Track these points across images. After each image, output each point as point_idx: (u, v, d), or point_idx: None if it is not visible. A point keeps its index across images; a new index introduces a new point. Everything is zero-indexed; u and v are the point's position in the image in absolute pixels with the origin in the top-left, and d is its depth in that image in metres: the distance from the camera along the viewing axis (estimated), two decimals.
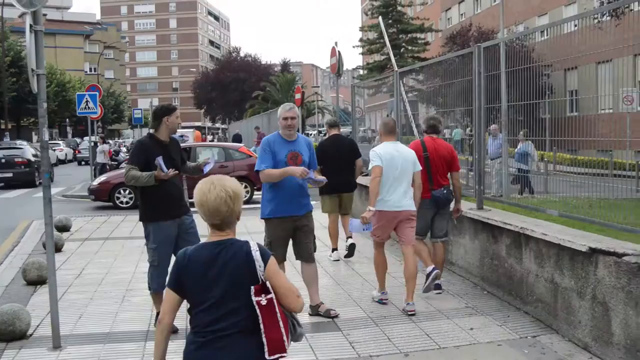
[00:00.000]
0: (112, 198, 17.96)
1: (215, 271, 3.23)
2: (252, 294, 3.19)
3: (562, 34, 7.09)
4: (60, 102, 62.53)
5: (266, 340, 3.18)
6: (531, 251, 6.60)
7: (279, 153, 6.73)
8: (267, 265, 3.26)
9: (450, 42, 44.40)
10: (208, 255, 3.26)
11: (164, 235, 6.49)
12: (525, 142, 10.19)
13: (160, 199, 6.47)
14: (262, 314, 3.18)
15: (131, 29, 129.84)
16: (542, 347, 5.81)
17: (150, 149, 6.48)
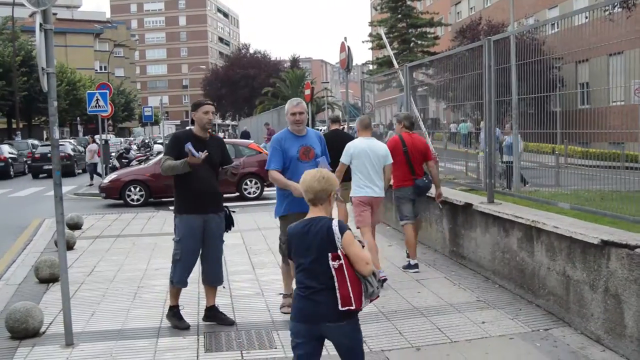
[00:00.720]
0: (122, 196, 18.09)
1: (308, 242, 4.07)
2: (330, 259, 3.98)
3: (573, 26, 7.05)
4: (71, 101, 62.77)
5: (339, 295, 3.97)
6: (543, 244, 6.57)
7: (290, 149, 6.71)
8: (343, 237, 4.02)
9: (460, 36, 44.21)
10: (301, 229, 4.12)
11: (188, 228, 6.52)
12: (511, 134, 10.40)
13: (188, 192, 6.52)
14: (336, 275, 3.97)
15: (141, 27, 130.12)
16: (554, 340, 5.79)
17: (183, 142, 6.44)
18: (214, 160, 6.57)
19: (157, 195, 18.33)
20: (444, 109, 16.35)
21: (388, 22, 57.00)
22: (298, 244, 4.14)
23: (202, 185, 6.50)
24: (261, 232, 12.34)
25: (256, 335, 6.23)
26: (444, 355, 5.57)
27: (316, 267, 4.03)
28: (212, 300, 6.78)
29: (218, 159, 6.66)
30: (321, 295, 4.01)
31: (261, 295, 7.72)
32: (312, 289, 4.05)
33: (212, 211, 6.61)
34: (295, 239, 4.16)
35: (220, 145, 6.84)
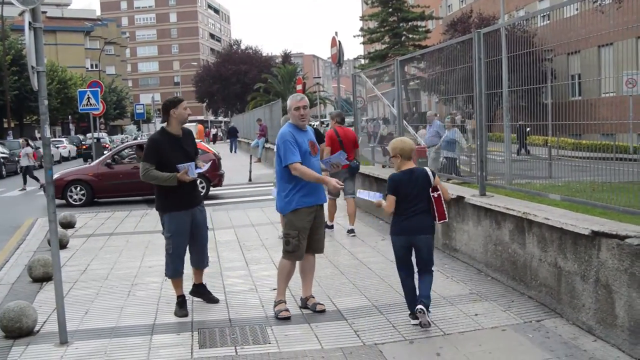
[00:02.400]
0: (64, 195, 17.96)
1: (413, 182, 6.11)
2: (430, 191, 6.14)
3: (564, 18, 7.06)
4: (62, 99, 62.63)
5: (438, 213, 6.15)
6: (534, 236, 6.60)
7: (302, 144, 6.64)
8: (435, 178, 6.19)
9: (451, 29, 44.26)
10: (408, 175, 6.14)
11: (178, 224, 6.82)
12: (452, 129, 11.43)
13: (174, 191, 6.75)
14: (435, 201, 6.13)
15: (131, 24, 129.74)
16: (547, 331, 5.83)
17: (163, 145, 6.75)
18: (192, 155, 6.95)
19: (100, 196, 18.21)
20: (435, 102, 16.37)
21: (379, 16, 57.01)
22: (405, 184, 6.11)
23: (188, 184, 6.77)
24: (254, 228, 12.35)
25: (250, 331, 6.24)
26: (437, 348, 5.59)
27: (419, 197, 6.09)
28: (200, 279, 7.27)
29: (193, 153, 7.00)
30: (421, 215, 6.09)
31: (255, 291, 7.74)
32: (414, 212, 6.08)
33: (197, 205, 6.99)
34: (402, 181, 6.13)
35: (192, 139, 7.16)
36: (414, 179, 6.11)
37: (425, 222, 6.10)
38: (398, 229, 6.17)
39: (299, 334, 6.12)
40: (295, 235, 6.63)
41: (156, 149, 6.75)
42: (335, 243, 10.28)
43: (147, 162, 6.70)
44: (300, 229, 6.64)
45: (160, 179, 6.67)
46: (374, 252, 9.52)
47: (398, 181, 6.14)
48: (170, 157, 6.69)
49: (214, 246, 10.53)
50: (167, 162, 6.67)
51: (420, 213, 6.07)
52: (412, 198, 6.07)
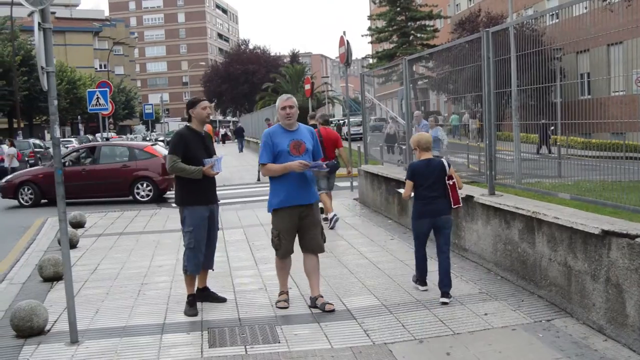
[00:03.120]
0: (17, 196, 18.48)
1: (430, 171, 6.96)
2: (446, 179, 6.97)
3: (573, 16, 7.04)
4: (71, 100, 62.86)
5: (452, 199, 6.97)
6: (544, 235, 6.59)
7: (280, 144, 6.78)
8: (450, 168, 7.03)
9: (459, 28, 44.17)
10: (425, 164, 7.00)
11: (199, 218, 6.94)
12: (435, 128, 11.96)
13: (196, 185, 6.92)
14: (450, 188, 6.96)
15: (140, 25, 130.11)
16: (557, 330, 5.81)
17: (188, 139, 7.00)
18: (212, 153, 7.18)
19: (49, 197, 18.35)
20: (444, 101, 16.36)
21: (387, 16, 56.95)
22: (423, 172, 6.96)
23: (207, 179, 6.95)
24: (263, 227, 12.36)
25: (260, 330, 6.25)
26: (447, 347, 5.59)
27: (437, 185, 6.93)
28: (204, 282, 7.31)
29: (213, 151, 7.25)
30: (439, 200, 6.94)
31: (264, 290, 7.75)
32: (433, 197, 6.94)
33: (215, 201, 7.17)
34: (420, 168, 6.99)
35: (210, 139, 7.44)
36: (432, 167, 6.98)
37: (444, 205, 6.98)
38: (421, 212, 7.03)
39: (309, 334, 6.13)
40: (276, 234, 6.92)
41: (183, 142, 6.96)
42: (344, 243, 10.28)
43: (174, 155, 6.91)
44: (281, 229, 6.86)
45: (187, 172, 6.84)
46: (383, 251, 9.52)
47: (416, 168, 7.05)
48: (196, 152, 6.92)
49: (223, 246, 10.56)
50: (192, 156, 6.88)
51: (438, 197, 6.95)
52: (430, 184, 6.94)
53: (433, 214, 6.97)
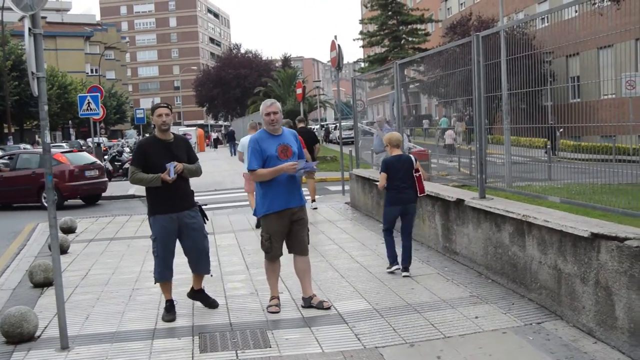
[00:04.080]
0: None
1: (401, 165, 8.13)
2: (413, 171, 8.10)
3: (563, 20, 7.08)
4: (62, 105, 62.62)
5: (419, 188, 8.13)
6: (534, 238, 6.61)
7: (268, 149, 6.82)
8: (416, 163, 8.21)
9: (450, 32, 44.33)
10: (397, 159, 8.16)
11: (161, 228, 6.85)
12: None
13: (159, 194, 6.82)
14: (417, 180, 8.09)
15: (131, 29, 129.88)
16: (547, 333, 5.83)
17: (149, 149, 6.85)
18: (181, 161, 6.86)
19: None
20: (435, 105, 16.40)
21: (378, 20, 57.09)
22: (395, 166, 8.14)
23: (171, 186, 6.77)
24: (254, 232, 12.35)
25: (251, 335, 6.25)
26: (437, 351, 5.60)
27: (406, 177, 8.11)
28: (198, 285, 7.27)
29: (184, 158, 6.93)
30: (408, 190, 8.13)
31: (256, 295, 7.74)
32: (404, 187, 8.11)
33: (185, 208, 6.94)
34: (392, 164, 8.16)
35: (185, 145, 7.13)
36: (402, 162, 8.20)
37: (412, 194, 8.19)
38: (394, 200, 8.23)
39: (300, 338, 6.13)
40: (267, 238, 6.96)
41: (142, 153, 6.89)
42: (335, 247, 10.28)
43: (133, 166, 6.88)
44: (271, 233, 6.92)
45: (145, 181, 6.76)
46: (374, 255, 9.53)
47: (389, 162, 8.23)
48: (157, 160, 6.75)
49: (214, 250, 10.54)
50: (152, 165, 6.75)
51: (408, 188, 8.14)
52: (401, 176, 8.13)
53: (403, 202, 8.19)
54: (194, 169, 7.04)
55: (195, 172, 7.07)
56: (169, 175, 6.68)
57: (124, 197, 21.68)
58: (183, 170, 6.81)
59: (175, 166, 6.72)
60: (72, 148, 23.65)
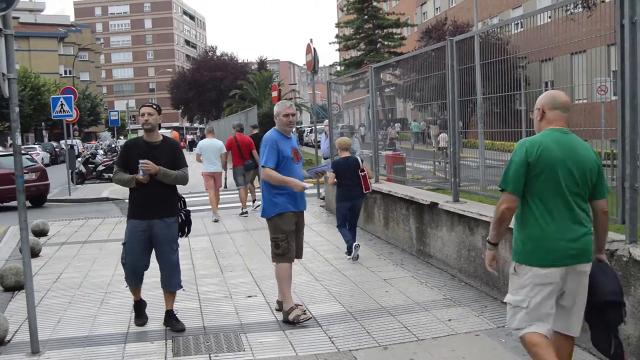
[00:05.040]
0: None
1: (348, 165, 9.39)
2: (359, 172, 9.27)
3: (536, 25, 7.15)
4: (35, 106, 61.97)
5: (364, 185, 9.36)
6: (507, 242, 6.64)
7: (284, 150, 6.76)
8: (362, 163, 9.43)
9: (426, 36, 44.54)
10: (345, 161, 9.47)
11: (131, 233, 6.60)
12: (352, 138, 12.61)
13: (133, 198, 6.65)
14: (362, 178, 9.31)
15: (106, 31, 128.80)
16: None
17: (132, 150, 6.64)
18: (160, 164, 6.48)
19: None
20: (411, 109, 16.47)
21: (354, 23, 57.22)
22: (343, 166, 9.33)
23: (148, 192, 6.49)
24: (229, 235, 12.32)
25: (224, 339, 6.22)
26: (411, 354, 5.62)
27: (353, 176, 9.29)
28: (168, 305, 6.77)
29: (168, 163, 6.55)
30: (355, 188, 9.31)
31: (229, 298, 7.71)
32: (351, 185, 9.33)
33: (157, 216, 6.53)
34: (341, 164, 9.36)
35: (172, 149, 6.75)
36: (349, 163, 9.44)
37: (359, 191, 9.38)
38: (344, 197, 9.45)
39: (274, 341, 6.12)
40: (283, 237, 6.71)
41: (124, 153, 6.73)
42: (310, 250, 10.27)
43: (116, 166, 6.74)
44: (287, 232, 6.72)
45: (123, 181, 6.56)
46: (347, 260, 9.53)
47: (338, 163, 9.57)
48: (136, 162, 6.45)
49: (188, 253, 10.49)
50: (133, 167, 6.49)
51: (355, 186, 9.36)
52: (349, 175, 9.35)
53: (352, 198, 9.43)
54: (172, 176, 6.53)
55: (175, 179, 6.57)
56: (141, 175, 6.39)
57: (97, 199, 21.49)
58: (157, 172, 6.42)
59: (143, 164, 6.36)
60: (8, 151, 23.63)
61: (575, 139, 4.37)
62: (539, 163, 4.18)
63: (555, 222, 4.20)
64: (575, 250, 4.20)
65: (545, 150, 4.20)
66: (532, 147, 4.22)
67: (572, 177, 4.20)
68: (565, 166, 4.20)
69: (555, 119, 4.37)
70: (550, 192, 4.20)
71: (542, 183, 4.20)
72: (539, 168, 4.18)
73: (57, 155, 51.49)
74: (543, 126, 4.40)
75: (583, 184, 4.25)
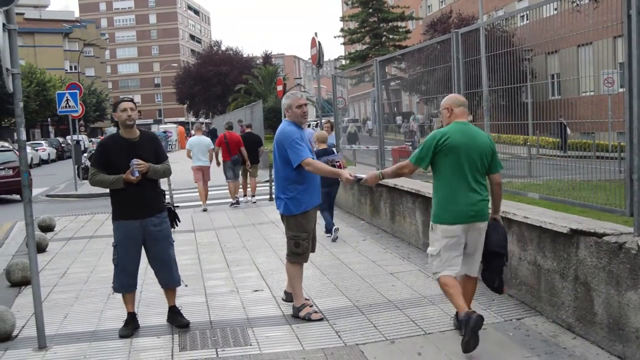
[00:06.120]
0: None
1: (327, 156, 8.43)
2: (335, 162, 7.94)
3: (542, 17, 7.10)
4: (41, 102, 62.06)
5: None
6: (513, 234, 6.63)
7: (305, 140, 6.58)
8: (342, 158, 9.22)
9: (431, 29, 44.43)
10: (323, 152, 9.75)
11: (123, 234, 6.38)
12: (331, 134, 13.24)
13: (121, 198, 6.35)
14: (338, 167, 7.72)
15: (111, 26, 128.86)
16: (527, 329, 5.86)
17: (111, 149, 6.34)
18: (147, 161, 6.30)
19: None
20: (417, 102, 16.43)
21: (359, 17, 57.12)
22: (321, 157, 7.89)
23: (135, 190, 6.27)
24: (236, 229, 12.32)
25: (231, 333, 6.21)
26: (418, 347, 5.60)
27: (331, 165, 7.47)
28: (170, 301, 6.67)
29: (151, 158, 6.35)
30: None
31: (236, 292, 7.70)
32: None
33: (149, 214, 6.38)
34: (320, 155, 8.44)
35: (153, 144, 6.52)
36: (327, 153, 9.69)
37: (335, 179, 8.49)
38: (323, 183, 8.07)
39: (280, 335, 6.11)
40: (305, 237, 6.58)
41: (102, 153, 6.38)
42: (317, 244, 10.24)
43: (94, 167, 6.34)
44: (310, 231, 6.63)
45: (106, 182, 6.24)
46: (355, 252, 9.53)
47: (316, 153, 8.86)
48: (118, 162, 6.22)
49: (194, 248, 10.50)
50: (114, 167, 6.23)
51: None
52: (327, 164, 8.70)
53: (329, 185, 10.30)
54: (161, 170, 6.41)
55: (163, 173, 6.44)
56: (133, 175, 6.15)
57: (104, 195, 21.48)
58: (148, 170, 6.26)
59: (137, 164, 6.16)
60: None
61: (474, 128, 5.75)
62: (445, 147, 5.52)
63: (459, 191, 5.54)
64: (473, 212, 5.53)
65: (451, 137, 5.54)
66: (441, 135, 5.59)
67: (471, 157, 5.54)
68: (466, 149, 5.53)
69: (460, 114, 5.74)
70: (455, 168, 5.54)
71: (449, 162, 5.53)
72: (446, 150, 5.52)
73: (63, 150, 51.57)
74: (452, 120, 5.73)
75: (480, 162, 5.58)
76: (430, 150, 5.57)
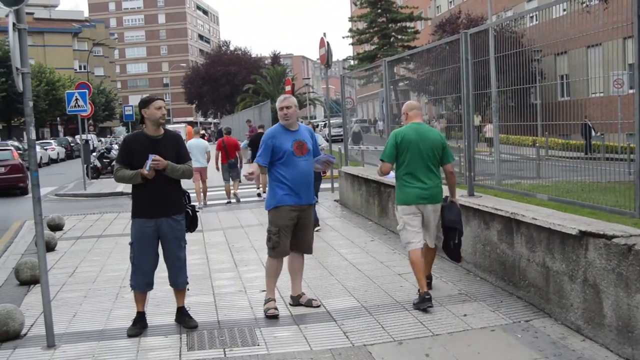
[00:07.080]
0: None
1: None
2: None
3: (551, 18, 7.08)
4: (50, 101, 62.29)
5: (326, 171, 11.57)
6: (522, 236, 6.61)
7: (284, 143, 6.72)
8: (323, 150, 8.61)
9: (439, 30, 44.34)
10: None
11: (138, 232, 6.39)
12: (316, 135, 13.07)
13: (139, 196, 6.38)
14: None
15: (120, 26, 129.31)
16: (535, 331, 5.84)
17: (134, 146, 6.38)
18: (167, 159, 6.30)
19: None
20: (425, 103, 16.42)
21: (368, 17, 57.09)
22: None
23: (153, 189, 6.30)
24: (244, 229, 12.33)
25: (239, 333, 6.22)
26: (426, 349, 5.59)
27: None
28: (179, 302, 6.66)
29: (172, 157, 6.36)
30: None
31: (244, 292, 7.71)
32: None
33: (165, 214, 6.37)
34: None
35: (175, 143, 6.55)
36: None
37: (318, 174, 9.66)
38: None
39: (288, 336, 6.11)
40: (275, 232, 6.77)
41: (125, 149, 6.44)
42: (324, 244, 10.27)
43: (117, 163, 6.44)
44: (280, 227, 6.74)
45: (126, 178, 6.29)
46: (363, 253, 9.52)
47: None
48: (140, 158, 6.24)
49: (202, 248, 10.52)
50: (136, 163, 6.26)
51: None
52: None
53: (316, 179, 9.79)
54: (179, 170, 6.37)
55: (182, 173, 6.40)
56: (145, 169, 6.15)
57: (112, 194, 21.58)
58: (166, 167, 6.23)
59: (153, 160, 6.14)
60: None
61: (426, 127, 7.06)
62: (402, 143, 6.80)
63: (414, 178, 6.80)
64: (426, 195, 6.80)
65: (406, 135, 6.82)
66: (399, 134, 6.88)
67: (424, 150, 6.78)
68: (419, 144, 6.78)
69: (414, 115, 7.02)
70: (411, 160, 6.79)
71: (406, 155, 6.79)
72: (403, 146, 6.80)
73: (72, 150, 51.74)
74: (408, 121, 7.00)
75: (432, 154, 6.81)
76: (393, 147, 6.83)
